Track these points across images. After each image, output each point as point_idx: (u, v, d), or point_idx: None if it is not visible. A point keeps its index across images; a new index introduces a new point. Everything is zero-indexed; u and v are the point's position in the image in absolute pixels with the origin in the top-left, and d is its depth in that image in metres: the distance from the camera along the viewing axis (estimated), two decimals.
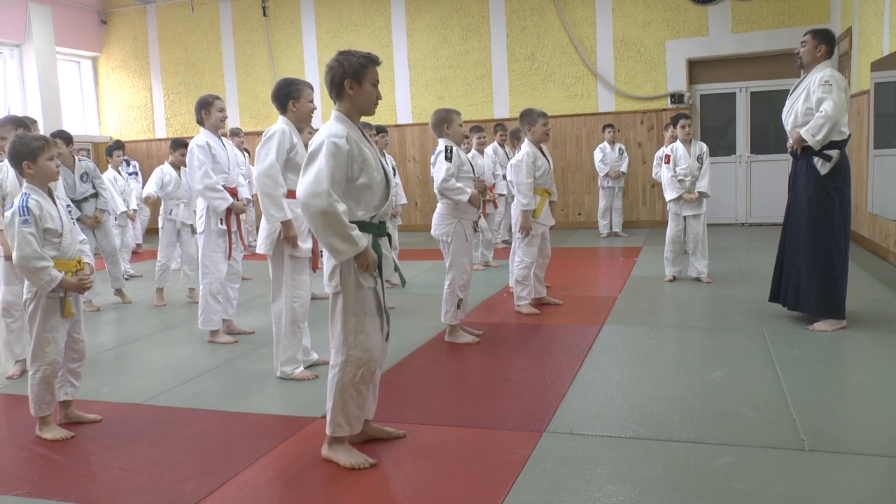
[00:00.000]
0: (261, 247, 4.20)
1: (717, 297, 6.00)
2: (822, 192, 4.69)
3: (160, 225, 6.73)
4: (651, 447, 3.06)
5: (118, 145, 8.93)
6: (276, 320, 4.23)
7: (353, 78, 2.91)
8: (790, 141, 4.82)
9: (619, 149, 10.15)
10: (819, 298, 4.72)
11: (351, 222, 2.85)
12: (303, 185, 2.82)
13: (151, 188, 6.69)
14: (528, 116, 5.53)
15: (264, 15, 12.50)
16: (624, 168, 10.14)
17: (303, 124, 4.34)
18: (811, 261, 4.73)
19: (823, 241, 4.70)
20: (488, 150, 8.58)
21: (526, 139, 5.57)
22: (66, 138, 6.40)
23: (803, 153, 4.78)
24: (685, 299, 6.00)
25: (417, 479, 2.87)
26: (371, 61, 2.95)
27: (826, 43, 4.70)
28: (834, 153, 4.64)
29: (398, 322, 5.30)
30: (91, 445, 3.35)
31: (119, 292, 6.80)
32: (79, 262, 3.49)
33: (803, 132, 4.65)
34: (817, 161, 4.68)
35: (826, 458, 2.88)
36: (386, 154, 6.75)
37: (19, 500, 2.82)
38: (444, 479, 2.85)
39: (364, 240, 2.85)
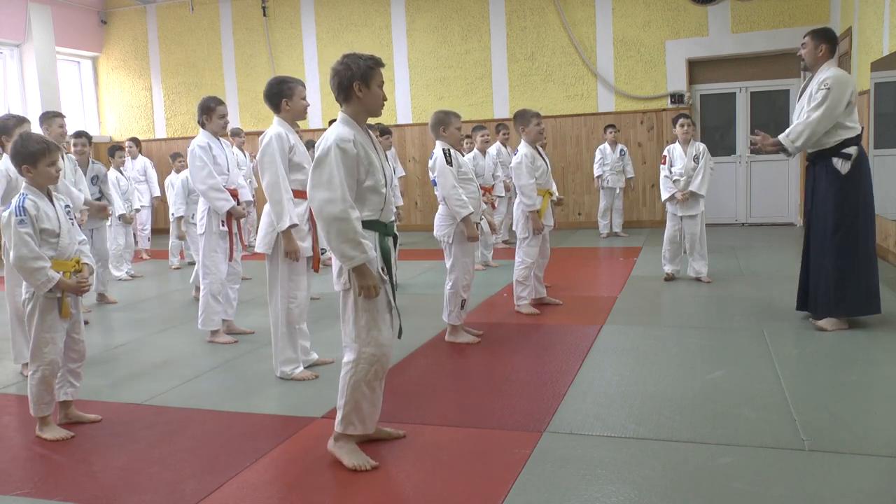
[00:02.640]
0: (259, 245, 4.20)
1: (717, 296, 6.00)
2: (845, 193, 4.63)
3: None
4: (651, 447, 3.06)
5: (118, 147, 8.91)
6: (273, 321, 4.23)
7: (362, 80, 2.94)
8: (766, 140, 4.76)
9: (621, 150, 10.10)
10: (854, 298, 4.66)
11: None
12: (316, 190, 2.84)
13: (181, 208, 6.74)
14: (522, 118, 5.54)
15: (264, 15, 12.50)
16: (630, 173, 10.08)
17: (297, 122, 4.33)
18: (841, 264, 4.65)
19: (852, 242, 4.64)
20: (491, 150, 8.56)
21: (522, 140, 5.57)
22: (88, 138, 6.51)
23: (820, 156, 4.73)
24: (685, 299, 6.00)
25: (417, 479, 2.87)
26: (377, 63, 2.98)
27: (826, 42, 4.66)
28: (852, 150, 4.60)
29: None
30: (91, 445, 3.35)
31: (102, 296, 6.79)
32: (77, 262, 3.49)
33: (782, 137, 4.66)
34: (837, 161, 4.63)
35: (826, 458, 2.88)
36: (388, 153, 6.74)
37: (19, 500, 2.82)
38: (444, 479, 2.85)
39: (372, 251, 2.88)
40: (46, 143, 3.42)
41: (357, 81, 2.93)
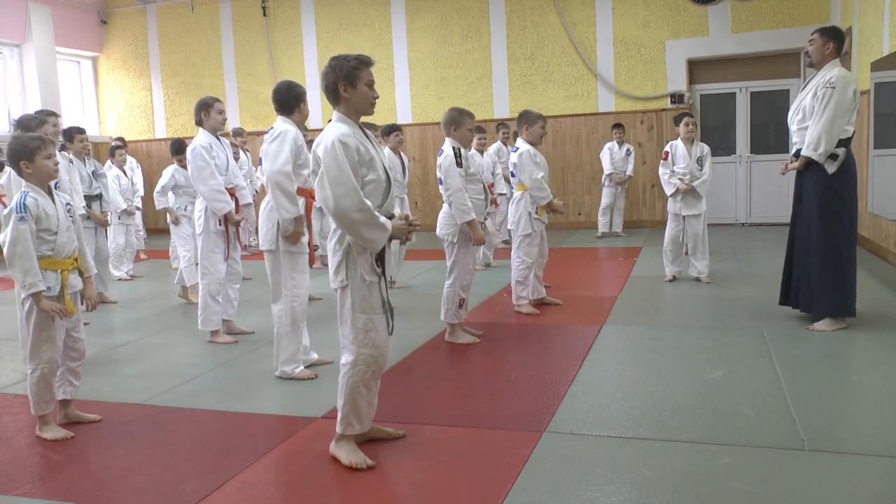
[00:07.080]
0: (263, 243, 4.23)
1: (717, 297, 6.00)
2: (830, 193, 4.68)
3: (173, 221, 6.81)
4: (651, 447, 3.06)
5: (119, 146, 8.90)
6: (277, 319, 4.23)
7: (347, 82, 2.96)
8: (794, 163, 4.82)
9: (627, 150, 10.17)
10: (832, 298, 4.71)
11: None
12: (328, 189, 2.83)
13: (166, 199, 6.79)
14: (528, 117, 5.52)
15: (264, 15, 12.50)
16: (630, 171, 10.14)
17: (302, 125, 4.40)
18: (822, 262, 4.71)
19: (834, 242, 4.68)
20: (491, 149, 8.59)
21: (520, 139, 5.56)
22: (82, 132, 6.58)
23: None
24: (685, 299, 6.00)
25: (417, 479, 2.87)
26: (363, 63, 2.98)
27: (834, 40, 4.68)
28: (840, 151, 4.63)
29: (398, 322, 5.29)
30: (91, 445, 3.35)
31: (101, 296, 6.73)
32: (76, 259, 3.50)
33: (805, 152, 4.67)
34: (824, 161, 4.67)
35: (826, 458, 2.88)
36: (402, 153, 6.94)
37: (19, 500, 2.82)
38: (444, 479, 2.85)
39: (389, 223, 2.91)
40: (41, 138, 3.45)
41: (342, 83, 2.96)
